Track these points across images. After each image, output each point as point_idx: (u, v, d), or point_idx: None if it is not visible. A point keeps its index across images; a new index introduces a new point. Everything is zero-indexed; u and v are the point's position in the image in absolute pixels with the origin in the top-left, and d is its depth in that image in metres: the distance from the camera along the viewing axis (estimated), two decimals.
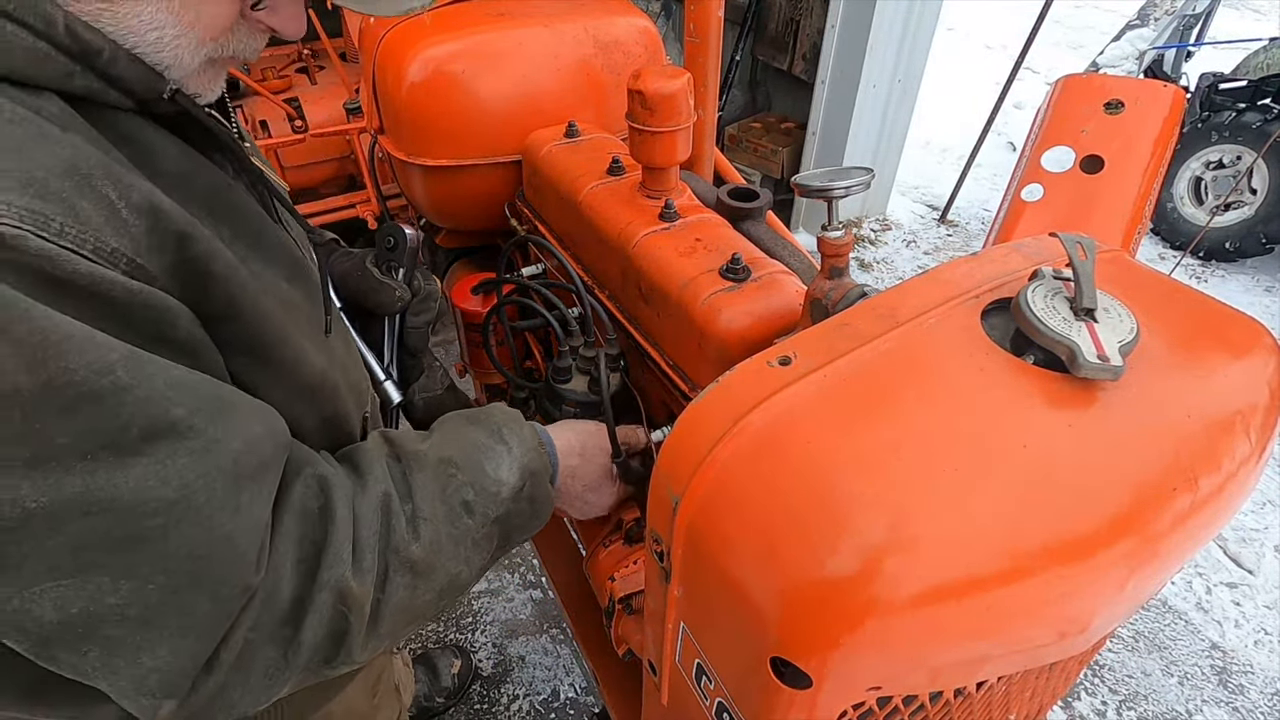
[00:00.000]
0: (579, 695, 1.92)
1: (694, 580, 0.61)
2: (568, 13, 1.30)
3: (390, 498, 0.64)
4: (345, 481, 0.63)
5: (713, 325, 0.84)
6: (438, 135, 1.24)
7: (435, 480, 0.68)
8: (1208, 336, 0.65)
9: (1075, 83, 1.32)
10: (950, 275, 0.69)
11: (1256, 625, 2.17)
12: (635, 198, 1.04)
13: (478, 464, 0.71)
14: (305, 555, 0.57)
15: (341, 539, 0.59)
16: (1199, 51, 4.67)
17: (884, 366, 0.59)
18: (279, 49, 2.97)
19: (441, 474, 0.68)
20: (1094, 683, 2.01)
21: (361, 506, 0.62)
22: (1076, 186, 1.24)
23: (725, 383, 0.60)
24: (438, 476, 0.68)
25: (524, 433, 0.76)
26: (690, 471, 0.57)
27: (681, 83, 0.93)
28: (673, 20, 3.68)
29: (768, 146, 3.66)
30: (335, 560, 0.58)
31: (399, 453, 0.69)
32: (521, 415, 0.79)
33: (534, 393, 1.10)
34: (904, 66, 3.51)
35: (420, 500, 0.66)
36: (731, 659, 0.61)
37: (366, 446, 0.70)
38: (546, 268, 1.23)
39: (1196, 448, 0.56)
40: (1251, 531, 2.46)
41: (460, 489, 0.68)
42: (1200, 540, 0.60)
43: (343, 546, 0.58)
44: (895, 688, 0.55)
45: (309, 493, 0.60)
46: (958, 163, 4.20)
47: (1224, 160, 3.72)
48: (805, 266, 1.02)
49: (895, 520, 0.49)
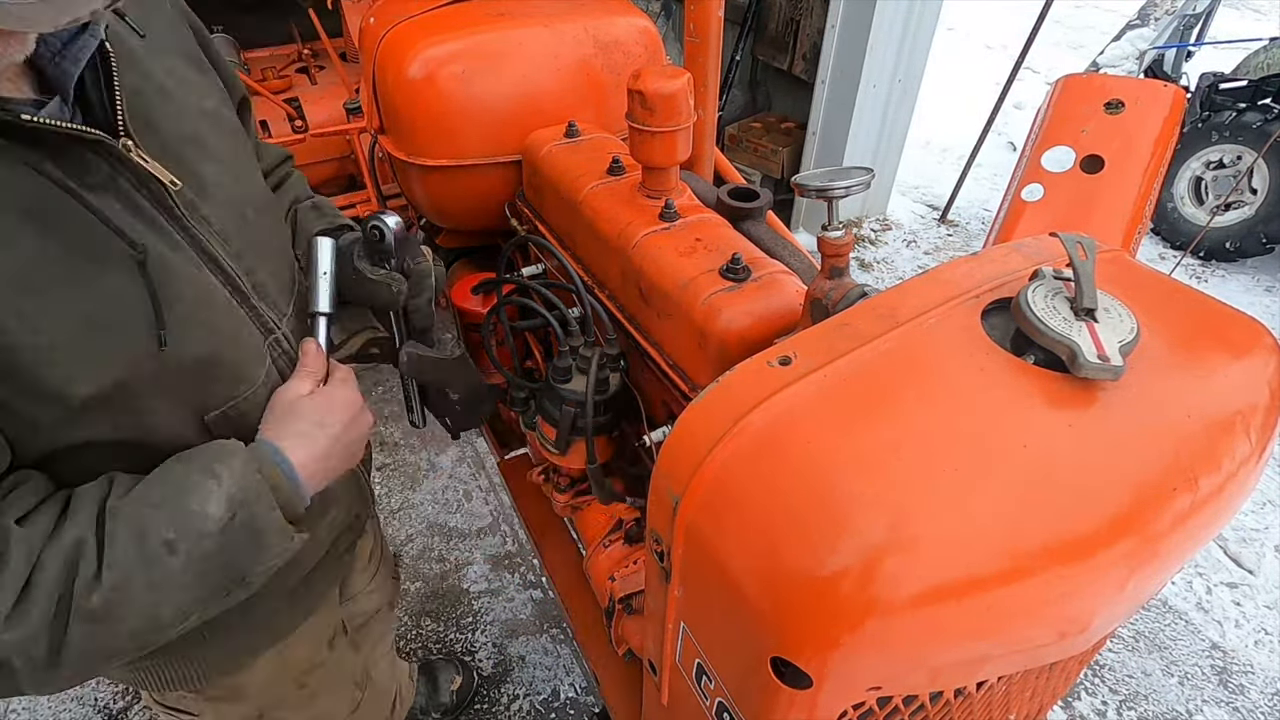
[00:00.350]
0: (579, 695, 1.92)
1: (694, 580, 0.61)
2: (568, 13, 1.30)
3: (83, 544, 0.65)
4: (37, 529, 0.64)
5: (713, 325, 0.84)
6: (438, 135, 1.24)
7: (133, 524, 0.68)
8: (1208, 336, 0.65)
9: (1075, 83, 1.32)
10: (950, 275, 0.69)
11: (1257, 625, 2.17)
12: (635, 198, 1.04)
13: (183, 502, 0.70)
14: None
15: (8, 582, 0.61)
16: (1199, 51, 4.67)
17: (884, 366, 0.59)
18: (279, 49, 2.97)
19: (140, 516, 0.68)
20: (1094, 683, 2.01)
21: (48, 553, 0.64)
22: (1076, 186, 1.24)
23: (725, 383, 0.60)
24: (136, 519, 0.68)
25: (235, 463, 0.74)
26: (690, 471, 0.57)
27: (681, 83, 0.93)
28: (673, 20, 3.68)
29: (768, 146, 3.67)
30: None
31: (110, 496, 0.70)
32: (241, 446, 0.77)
33: (534, 393, 1.10)
34: (904, 66, 3.51)
35: (113, 546, 0.66)
36: (732, 659, 0.61)
37: (87, 488, 0.70)
38: (546, 268, 1.23)
39: (1196, 448, 0.56)
40: (1251, 531, 2.46)
41: (160, 528, 0.68)
42: (1200, 540, 0.60)
43: (6, 594, 0.60)
44: (895, 688, 0.55)
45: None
46: (958, 163, 4.20)
47: (1224, 160, 3.72)
48: (805, 266, 1.02)
49: (895, 520, 0.49)
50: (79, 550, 0.65)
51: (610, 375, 0.99)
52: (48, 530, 0.65)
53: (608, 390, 0.98)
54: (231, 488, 0.72)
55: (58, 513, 0.67)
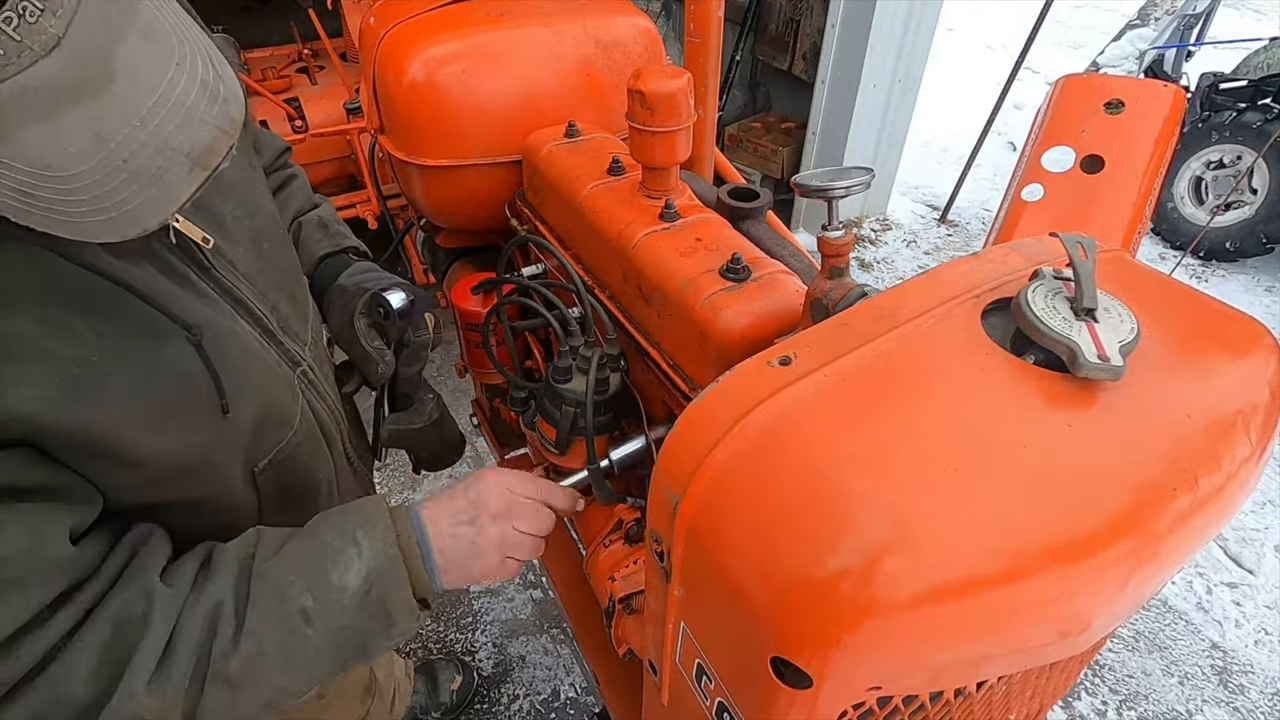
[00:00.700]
0: (579, 695, 1.92)
1: (694, 580, 0.61)
2: (568, 13, 1.30)
3: (221, 608, 0.64)
4: (179, 588, 0.64)
5: (713, 325, 0.84)
6: (438, 135, 1.24)
7: (275, 591, 0.67)
8: (1208, 336, 0.65)
9: (1075, 83, 1.31)
10: (950, 275, 0.69)
11: (1257, 625, 2.17)
12: (635, 198, 1.04)
13: (321, 570, 0.69)
14: (108, 661, 0.59)
15: (150, 649, 0.60)
16: (1199, 51, 4.67)
17: (884, 366, 0.59)
18: (279, 49, 2.97)
19: (283, 583, 0.68)
20: (1094, 683, 2.01)
21: (188, 616, 0.63)
22: (1076, 186, 1.24)
23: (725, 383, 0.60)
24: (279, 586, 0.67)
25: (376, 532, 0.72)
26: (690, 471, 0.57)
27: (681, 83, 0.92)
28: (673, 20, 3.68)
29: (768, 146, 3.67)
30: (138, 670, 0.59)
31: (254, 558, 0.69)
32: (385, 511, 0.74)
33: (534, 393, 1.10)
34: (904, 66, 3.51)
35: (253, 612, 0.65)
36: (732, 659, 0.61)
37: (228, 548, 0.70)
38: (546, 268, 1.23)
39: (1197, 448, 0.56)
40: (1251, 531, 2.46)
41: (299, 597, 0.67)
42: (1201, 540, 0.59)
43: (148, 657, 0.60)
44: (895, 687, 0.55)
45: (132, 601, 0.61)
46: (958, 163, 4.20)
47: (1224, 160, 3.72)
48: (805, 266, 1.02)
49: (896, 520, 0.49)
50: (218, 613, 0.64)
51: (610, 375, 0.99)
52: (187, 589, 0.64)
53: (608, 390, 0.98)
54: (370, 560, 0.71)
55: (195, 570, 0.66)
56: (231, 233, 0.76)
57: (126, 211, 0.49)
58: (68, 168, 0.45)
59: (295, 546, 0.71)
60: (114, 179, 0.47)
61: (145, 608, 0.61)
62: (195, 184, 0.52)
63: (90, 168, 0.46)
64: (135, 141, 0.47)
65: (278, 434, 0.79)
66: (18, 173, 0.45)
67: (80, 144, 0.45)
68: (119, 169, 0.47)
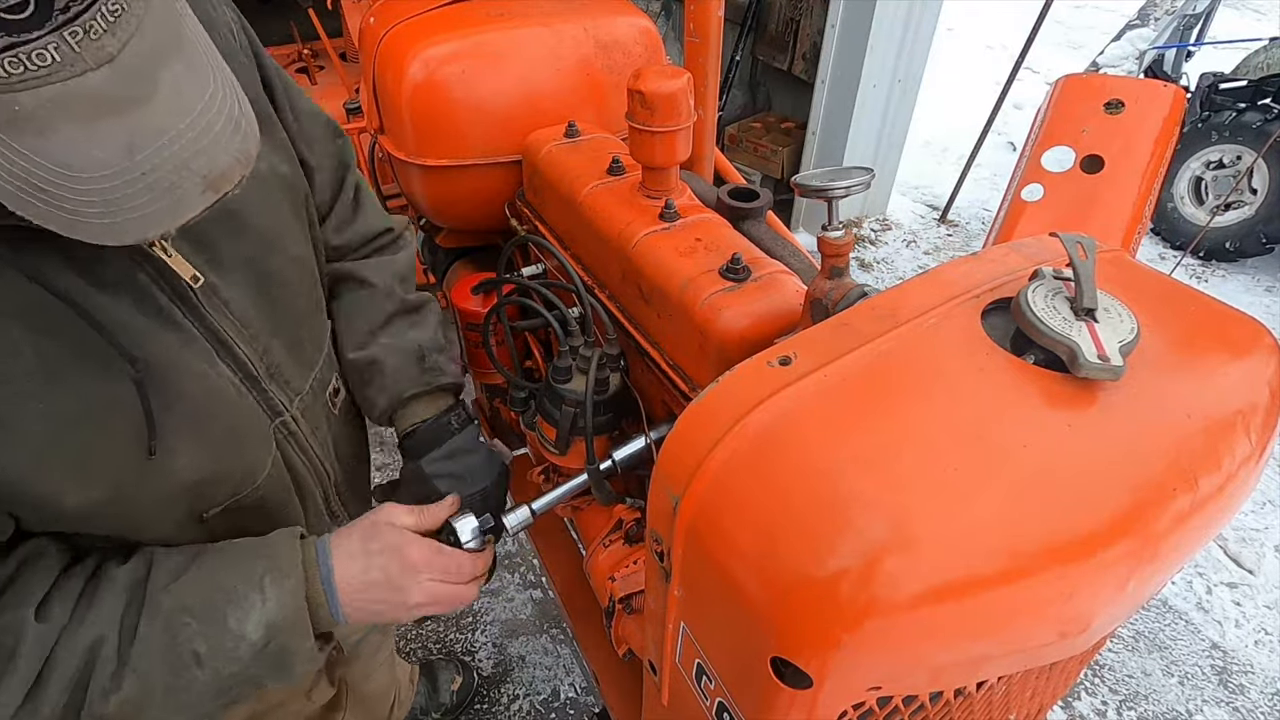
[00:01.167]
0: (579, 695, 1.92)
1: (694, 580, 0.61)
2: (568, 13, 1.30)
3: (102, 644, 0.62)
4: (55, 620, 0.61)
5: (713, 325, 0.84)
6: (438, 135, 1.24)
7: (165, 629, 0.65)
8: (1208, 336, 0.65)
9: (1075, 83, 1.31)
10: (950, 275, 0.69)
11: (1256, 625, 2.17)
12: (635, 198, 1.04)
13: (220, 615, 0.67)
14: None
15: (15, 683, 0.59)
16: (1199, 51, 4.67)
17: (884, 366, 0.59)
18: (279, 49, 2.97)
19: (175, 622, 0.65)
20: (1094, 683, 2.01)
21: (63, 649, 0.61)
22: (1076, 186, 1.24)
23: (725, 383, 0.60)
24: (169, 626, 0.65)
25: (287, 584, 0.70)
26: (690, 471, 0.57)
27: (681, 83, 0.92)
28: (673, 20, 3.68)
29: (768, 146, 3.67)
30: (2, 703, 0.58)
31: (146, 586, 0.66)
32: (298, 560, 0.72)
33: (534, 393, 1.10)
34: (904, 66, 3.51)
35: (138, 650, 0.63)
36: (732, 659, 0.61)
37: (118, 573, 0.67)
38: (546, 268, 1.23)
39: (1197, 448, 0.56)
40: (1251, 531, 2.46)
41: (191, 639, 0.65)
42: (1200, 540, 0.59)
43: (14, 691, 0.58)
44: (895, 687, 0.55)
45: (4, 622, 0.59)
46: (958, 163, 4.20)
47: (1224, 160, 3.72)
48: (805, 266, 1.02)
49: (896, 520, 0.49)
50: (97, 650, 0.62)
51: (610, 375, 0.99)
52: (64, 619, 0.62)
53: (607, 390, 0.98)
54: (274, 613, 0.69)
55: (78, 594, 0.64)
56: (231, 272, 0.73)
57: (132, 219, 0.50)
58: (90, 170, 0.46)
59: (194, 579, 0.68)
60: (130, 188, 0.48)
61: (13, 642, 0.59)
62: (205, 204, 0.53)
63: (111, 174, 0.47)
64: (159, 156, 0.49)
65: (234, 485, 0.75)
66: (36, 166, 0.45)
67: (109, 151, 0.47)
68: (137, 179, 0.48)
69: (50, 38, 0.42)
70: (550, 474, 1.28)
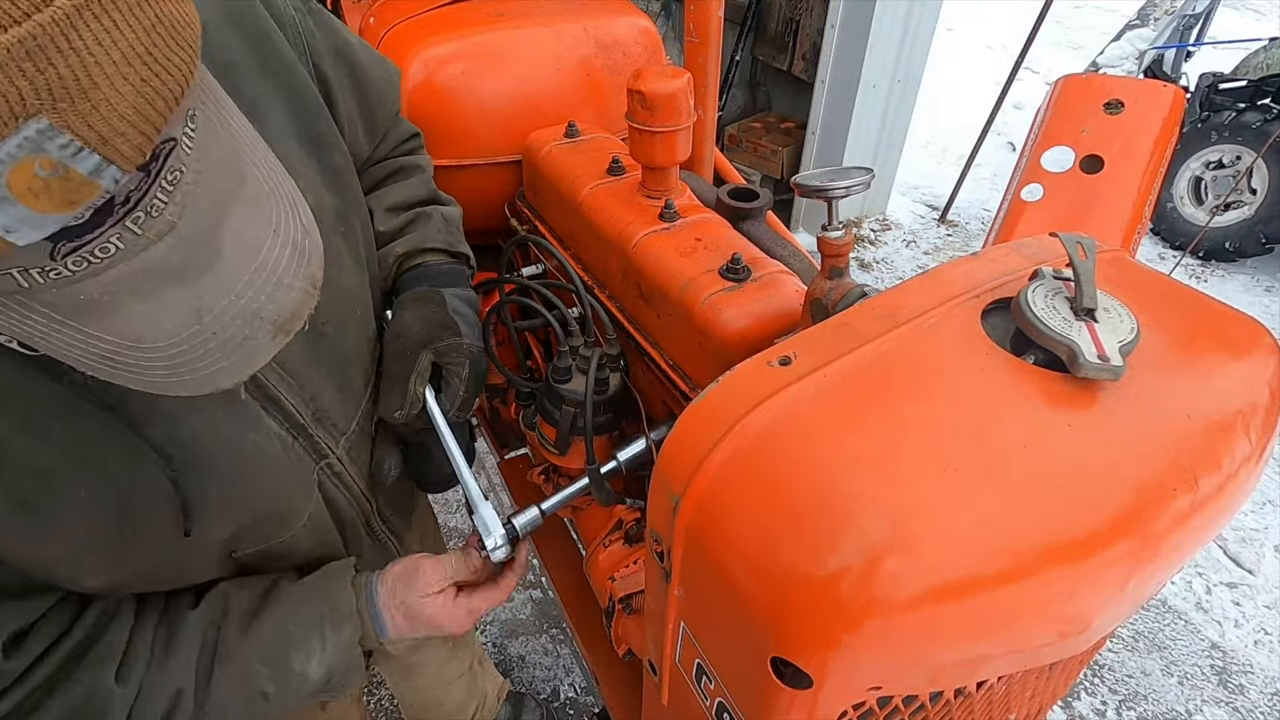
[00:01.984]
0: (579, 695, 1.92)
1: (694, 580, 0.61)
2: (568, 13, 1.30)
3: (183, 693, 0.66)
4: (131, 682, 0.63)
5: (713, 325, 0.84)
6: (438, 135, 1.24)
7: (240, 676, 0.69)
8: (1208, 336, 0.65)
9: (1075, 83, 1.32)
10: (950, 275, 0.69)
11: (1256, 625, 2.17)
12: (635, 198, 1.04)
13: (285, 659, 0.71)
14: None
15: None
16: (1199, 51, 4.67)
17: (884, 366, 0.59)
18: None
19: (247, 669, 0.69)
20: (1094, 683, 2.01)
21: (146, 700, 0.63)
22: (1076, 186, 1.24)
23: (725, 383, 0.60)
24: (242, 673, 0.69)
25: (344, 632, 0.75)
26: (690, 471, 0.57)
27: (681, 83, 0.92)
28: (673, 20, 3.68)
29: (768, 146, 3.67)
30: None
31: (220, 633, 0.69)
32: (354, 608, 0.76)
33: (534, 392, 1.10)
34: (904, 66, 3.51)
35: (215, 697, 0.67)
36: (732, 659, 0.61)
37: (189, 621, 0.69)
38: (546, 268, 1.23)
39: (1196, 448, 0.56)
40: (1251, 531, 2.46)
41: (263, 683, 0.70)
42: (1200, 540, 0.59)
43: None
44: (896, 687, 0.55)
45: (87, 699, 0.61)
46: (958, 163, 4.21)
47: (1224, 160, 3.72)
48: (805, 266, 1.02)
49: (896, 520, 0.49)
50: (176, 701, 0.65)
51: (610, 375, 0.99)
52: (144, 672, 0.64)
53: (607, 390, 0.98)
54: (334, 658, 0.74)
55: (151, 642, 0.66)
56: None
57: (205, 375, 0.48)
58: (160, 340, 0.44)
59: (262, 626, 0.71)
60: (201, 349, 0.46)
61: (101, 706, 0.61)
62: (276, 349, 0.51)
63: (180, 339, 0.45)
64: (228, 314, 0.46)
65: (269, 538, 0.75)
66: (104, 344, 0.43)
67: (177, 320, 0.45)
68: (208, 339, 0.46)
69: (113, 230, 0.39)
70: (550, 474, 1.28)
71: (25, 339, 0.43)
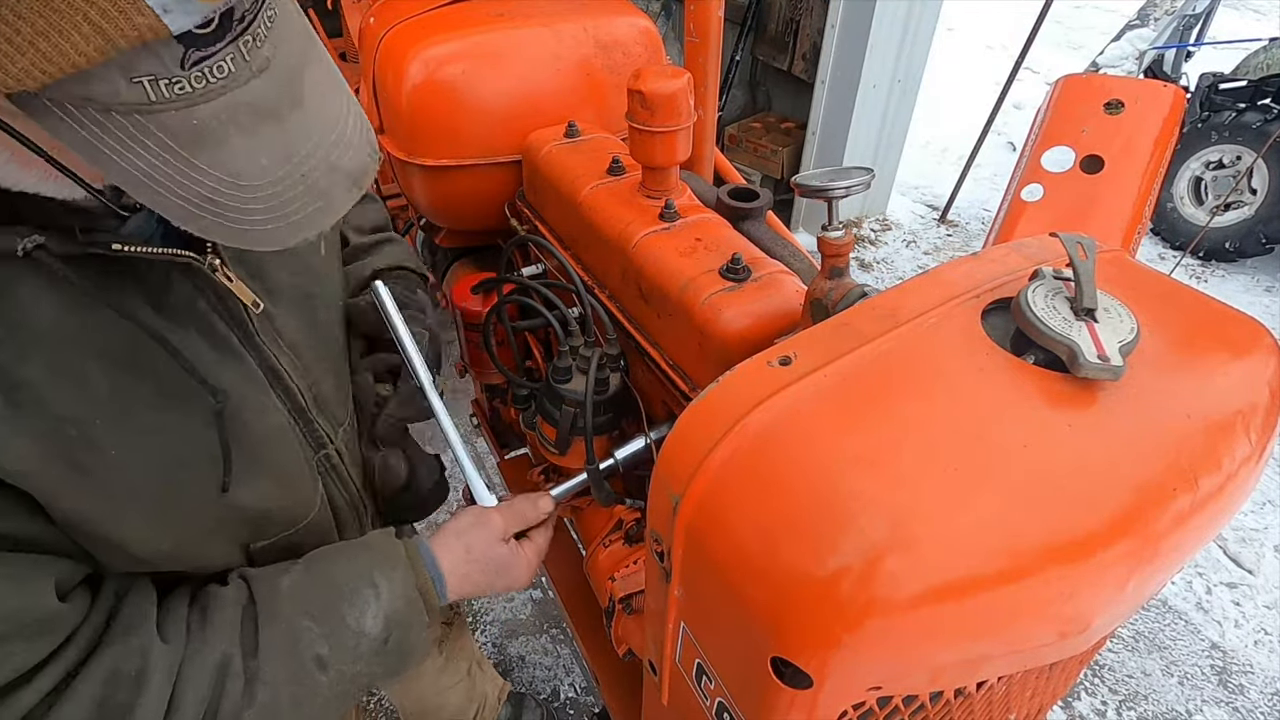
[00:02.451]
0: (579, 695, 1.92)
1: (694, 580, 0.61)
2: (568, 13, 1.30)
3: (230, 660, 0.62)
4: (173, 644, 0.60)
5: (713, 325, 0.84)
6: (438, 135, 1.24)
7: (286, 636, 0.64)
8: (1208, 336, 0.65)
9: (1075, 83, 1.32)
10: (950, 275, 0.69)
11: (1256, 625, 2.17)
12: (635, 198, 1.04)
13: (337, 614, 0.67)
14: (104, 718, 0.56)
15: (153, 703, 0.57)
16: (1199, 51, 4.67)
17: (884, 366, 0.59)
18: None
19: (296, 627, 0.65)
20: (1094, 683, 2.01)
21: (191, 668, 0.60)
22: (1076, 186, 1.24)
23: (725, 383, 0.60)
24: (290, 631, 0.65)
25: (396, 576, 0.71)
26: (690, 471, 0.57)
27: (681, 83, 0.92)
28: (673, 20, 3.68)
29: (768, 146, 3.67)
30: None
31: (256, 599, 0.66)
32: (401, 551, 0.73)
33: (534, 392, 1.10)
34: (904, 66, 3.51)
35: (265, 660, 0.63)
36: (732, 659, 0.61)
37: (220, 594, 0.66)
38: (546, 268, 1.23)
39: (1196, 448, 0.56)
40: (1251, 531, 2.46)
41: (314, 643, 0.65)
42: (1200, 540, 0.60)
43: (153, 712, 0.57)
44: (896, 687, 0.55)
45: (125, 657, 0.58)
46: (958, 163, 4.21)
47: (1224, 160, 3.72)
48: (805, 266, 1.02)
49: (896, 520, 0.49)
50: (225, 667, 0.61)
51: (610, 375, 0.99)
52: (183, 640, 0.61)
53: (607, 390, 0.98)
54: (390, 605, 0.69)
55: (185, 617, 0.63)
56: (281, 299, 0.72)
57: (294, 221, 0.50)
58: (258, 178, 0.47)
59: (304, 585, 0.68)
60: (291, 190, 0.49)
61: (140, 665, 0.58)
62: (351, 201, 0.54)
63: (275, 179, 0.48)
64: (313, 159, 0.50)
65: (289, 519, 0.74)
66: (208, 178, 0.46)
67: (272, 158, 0.48)
68: (298, 182, 0.49)
69: (229, 49, 0.43)
70: (550, 474, 1.28)
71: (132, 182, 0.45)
